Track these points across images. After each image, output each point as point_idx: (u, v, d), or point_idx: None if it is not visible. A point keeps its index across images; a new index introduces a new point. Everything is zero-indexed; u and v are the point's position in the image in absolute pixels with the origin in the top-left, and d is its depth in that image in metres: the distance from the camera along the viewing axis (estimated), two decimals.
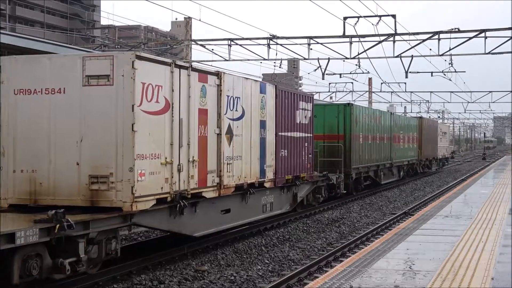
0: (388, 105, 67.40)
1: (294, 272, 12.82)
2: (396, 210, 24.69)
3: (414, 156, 40.88)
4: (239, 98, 15.31)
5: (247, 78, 16.24)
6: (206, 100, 13.81)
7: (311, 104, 20.61)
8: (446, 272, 9.52)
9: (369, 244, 14.39)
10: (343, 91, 52.63)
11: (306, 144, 20.00)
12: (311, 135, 20.57)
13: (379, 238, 15.43)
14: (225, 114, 14.55)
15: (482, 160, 77.28)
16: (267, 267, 13.86)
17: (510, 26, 25.73)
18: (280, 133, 17.88)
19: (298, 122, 19.40)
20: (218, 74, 14.36)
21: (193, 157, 13.17)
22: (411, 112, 68.95)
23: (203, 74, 13.81)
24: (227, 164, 14.65)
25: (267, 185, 17.10)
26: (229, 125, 14.79)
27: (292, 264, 14.32)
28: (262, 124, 16.73)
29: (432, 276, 9.23)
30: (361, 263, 10.23)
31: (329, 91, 51.28)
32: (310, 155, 20.37)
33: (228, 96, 14.71)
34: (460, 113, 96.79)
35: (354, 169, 26.90)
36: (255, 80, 16.98)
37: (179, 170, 12.66)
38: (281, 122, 18.05)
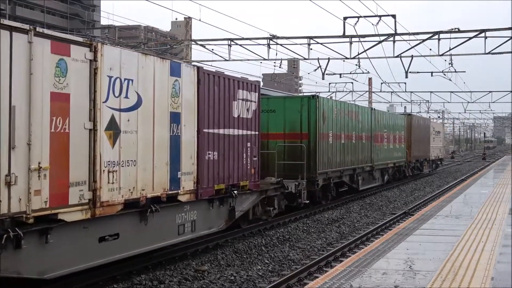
0: (388, 105, 67.63)
1: (294, 272, 12.83)
2: (396, 210, 24.71)
3: (402, 158, 37.15)
4: (132, 80, 11.46)
5: (147, 54, 12.32)
6: (68, 80, 9.89)
7: (257, 94, 16.55)
8: (446, 272, 9.52)
9: (369, 244, 14.40)
10: (343, 91, 52.80)
11: (248, 144, 16.13)
12: (257, 132, 16.59)
13: (379, 238, 15.44)
14: (104, 101, 10.70)
15: (482, 160, 77.46)
16: (267, 267, 13.87)
17: (510, 26, 25.75)
18: (206, 130, 14.04)
19: (236, 116, 15.49)
20: (91, 45, 10.43)
21: (39, 163, 9.29)
22: (411, 112, 68.92)
23: (61, 43, 9.82)
24: (110, 172, 10.80)
25: (183, 198, 13.13)
26: (113, 117, 10.93)
27: (292, 264, 14.33)
28: (175, 118, 12.84)
29: (432, 276, 9.23)
30: (361, 263, 10.23)
31: (329, 91, 51.44)
32: (254, 158, 16.42)
33: (111, 77, 10.87)
34: (460, 113, 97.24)
35: (321, 174, 22.67)
36: (162, 58, 12.84)
37: (7, 184, 8.82)
38: (208, 115, 14.14)
